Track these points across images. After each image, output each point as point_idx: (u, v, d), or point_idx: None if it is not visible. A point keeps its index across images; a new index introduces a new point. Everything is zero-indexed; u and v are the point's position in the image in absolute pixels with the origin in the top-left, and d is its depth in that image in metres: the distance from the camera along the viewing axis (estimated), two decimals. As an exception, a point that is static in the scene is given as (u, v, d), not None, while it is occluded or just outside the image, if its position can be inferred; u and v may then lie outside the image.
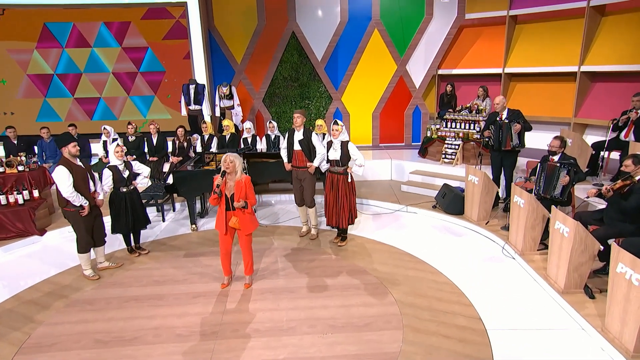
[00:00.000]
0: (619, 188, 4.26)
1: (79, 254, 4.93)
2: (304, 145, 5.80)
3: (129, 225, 5.36)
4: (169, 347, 3.71)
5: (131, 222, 5.38)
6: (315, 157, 5.78)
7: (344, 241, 5.80)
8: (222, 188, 4.33)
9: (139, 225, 5.51)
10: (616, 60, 7.51)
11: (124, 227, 5.35)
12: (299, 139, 5.82)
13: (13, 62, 9.18)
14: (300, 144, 5.81)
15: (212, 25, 9.34)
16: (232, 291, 4.63)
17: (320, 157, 5.76)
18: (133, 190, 5.40)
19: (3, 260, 5.63)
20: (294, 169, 5.96)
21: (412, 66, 9.44)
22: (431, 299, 4.38)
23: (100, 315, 4.22)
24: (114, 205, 5.30)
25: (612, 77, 7.86)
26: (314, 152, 5.80)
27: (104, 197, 5.11)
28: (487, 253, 5.41)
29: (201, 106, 8.87)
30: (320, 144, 5.82)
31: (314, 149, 5.80)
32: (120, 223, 5.32)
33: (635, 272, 3.16)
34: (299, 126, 5.78)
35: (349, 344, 3.70)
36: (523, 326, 3.89)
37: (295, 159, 5.92)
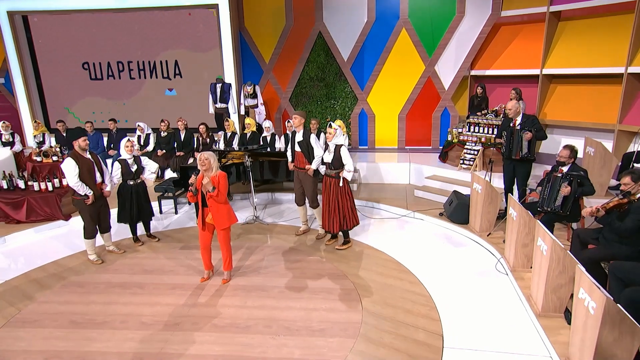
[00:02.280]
0: (614, 207, 3.82)
1: (85, 240, 5.37)
2: (303, 146, 5.83)
3: (132, 217, 5.73)
4: (129, 333, 3.93)
5: (135, 214, 5.75)
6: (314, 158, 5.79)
7: (345, 245, 5.72)
8: (197, 185, 4.49)
9: (143, 217, 5.87)
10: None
11: (127, 218, 5.73)
12: (298, 140, 5.87)
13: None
14: (300, 145, 5.85)
15: (243, 26, 9.62)
16: (209, 285, 4.79)
17: (317, 160, 5.76)
18: (140, 183, 5.76)
19: (33, 239, 6.27)
20: (296, 169, 6.02)
21: (441, 67, 9.05)
22: (400, 310, 4.23)
23: (84, 298, 4.57)
24: (121, 197, 5.70)
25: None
26: (313, 153, 5.81)
27: (111, 189, 5.51)
28: (481, 267, 5.10)
29: (227, 104, 9.19)
30: (318, 146, 5.82)
31: (313, 150, 5.81)
32: (125, 213, 5.71)
33: (592, 300, 2.83)
34: (298, 127, 5.82)
35: (296, 348, 3.69)
36: (487, 347, 3.64)
37: (296, 160, 5.97)
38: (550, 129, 8.72)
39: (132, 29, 9.75)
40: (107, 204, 5.49)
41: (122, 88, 10.28)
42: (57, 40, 10.14)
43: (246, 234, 6.27)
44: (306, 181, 5.94)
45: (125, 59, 10.05)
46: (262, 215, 7.04)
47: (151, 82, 10.12)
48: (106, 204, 5.48)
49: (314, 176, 5.89)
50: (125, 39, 9.85)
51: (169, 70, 9.94)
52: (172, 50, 9.75)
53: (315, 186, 6.00)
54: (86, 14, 9.70)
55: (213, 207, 4.49)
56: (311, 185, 5.94)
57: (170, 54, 9.80)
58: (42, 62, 10.42)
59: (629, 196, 3.79)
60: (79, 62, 10.24)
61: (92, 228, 5.32)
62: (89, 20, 9.83)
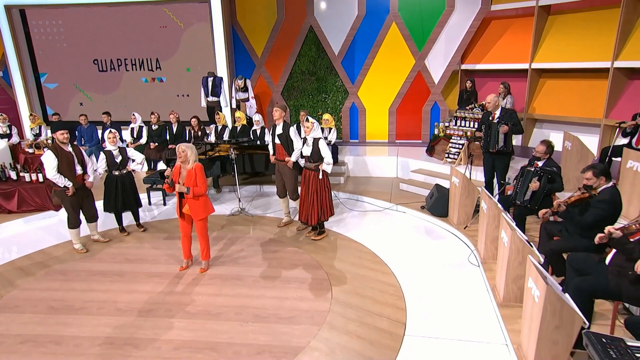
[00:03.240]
0: (576, 201, 3.89)
1: (69, 229, 5.53)
2: (283, 139, 5.93)
3: (117, 206, 5.88)
4: (104, 319, 4.08)
5: (120, 204, 5.89)
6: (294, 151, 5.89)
7: (320, 235, 5.85)
8: (174, 177, 4.61)
9: (128, 207, 6.01)
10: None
11: (112, 207, 5.88)
12: (278, 133, 5.96)
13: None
14: (280, 138, 5.95)
15: (235, 20, 9.69)
16: (187, 274, 4.93)
17: (296, 152, 5.85)
18: (126, 174, 5.89)
19: (23, 229, 6.45)
20: (277, 162, 6.12)
21: (431, 61, 9.08)
22: (368, 299, 4.33)
23: (65, 285, 4.72)
24: (107, 187, 5.85)
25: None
26: (292, 146, 5.91)
27: (94, 180, 5.65)
28: (455, 259, 5.18)
29: (218, 98, 9.29)
30: (297, 139, 5.90)
31: (292, 143, 5.91)
32: (110, 203, 5.86)
33: (537, 289, 2.92)
34: (278, 120, 5.91)
35: (262, 334, 3.81)
36: (447, 336, 3.73)
37: (277, 152, 6.08)
38: (539, 123, 8.75)
39: (127, 23, 9.88)
40: (90, 194, 5.63)
41: (116, 82, 10.42)
42: (55, 34, 10.30)
43: (230, 225, 6.40)
44: (286, 174, 6.05)
45: (120, 53, 10.19)
46: (248, 207, 7.16)
47: (143, 75, 10.24)
48: (90, 195, 5.62)
49: (294, 169, 5.98)
50: (120, 33, 9.98)
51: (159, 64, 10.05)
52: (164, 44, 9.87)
53: (296, 179, 6.10)
54: (82, 8, 9.83)
55: (190, 199, 4.61)
56: (291, 177, 6.04)
57: (163, 48, 9.91)
58: (40, 56, 10.58)
59: (590, 190, 3.85)
60: (79, 56, 10.39)
61: (75, 218, 5.46)
62: (87, 15, 9.97)
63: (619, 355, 2.22)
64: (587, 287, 3.17)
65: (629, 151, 4.72)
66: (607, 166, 3.92)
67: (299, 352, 3.56)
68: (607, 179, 3.84)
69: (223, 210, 7.04)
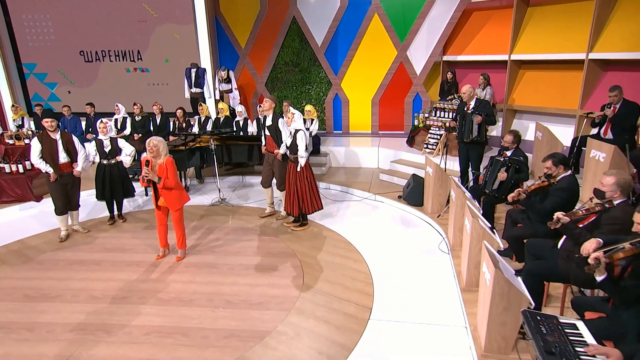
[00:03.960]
0: (536, 189, 4.01)
1: (56, 216, 5.62)
2: (272, 130, 5.97)
3: (105, 195, 5.96)
4: (79, 306, 4.17)
5: (109, 192, 5.97)
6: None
7: (301, 227, 5.93)
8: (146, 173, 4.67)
9: (117, 195, 6.08)
10: (632, 47, 6.75)
11: (100, 196, 5.97)
12: (267, 124, 6.00)
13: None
14: (269, 129, 5.99)
15: (218, 11, 9.69)
16: (163, 263, 5.02)
17: (284, 145, 5.88)
18: (115, 164, 5.96)
19: (2, 220, 6.49)
20: (267, 153, 6.16)
21: (413, 52, 9.14)
22: (338, 286, 4.45)
23: (41, 274, 4.80)
24: (97, 176, 5.95)
25: (628, 65, 7.09)
26: (281, 137, 5.93)
27: (85, 168, 5.73)
28: (426, 247, 5.31)
29: (202, 89, 9.32)
30: (285, 130, 5.91)
31: (281, 134, 5.93)
32: (99, 191, 5.96)
33: (488, 272, 3.05)
34: (268, 111, 5.93)
35: (232, 319, 3.92)
36: (410, 319, 3.86)
37: (267, 144, 6.11)
38: (519, 114, 8.86)
39: (109, 14, 9.84)
40: (76, 183, 5.70)
41: (99, 72, 10.40)
42: (40, 25, 10.24)
43: (210, 215, 6.48)
44: (276, 165, 6.09)
45: (104, 44, 10.15)
46: (230, 197, 7.24)
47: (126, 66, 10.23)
48: (75, 184, 5.68)
49: (283, 160, 6.00)
50: (104, 24, 9.94)
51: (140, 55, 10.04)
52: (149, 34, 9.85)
53: (285, 170, 6.15)
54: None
55: (164, 192, 4.68)
56: (280, 168, 6.07)
57: (147, 38, 9.90)
58: (22, 47, 10.52)
59: (549, 179, 3.97)
60: (63, 48, 10.34)
61: (59, 205, 5.55)
62: (70, 5, 9.91)
63: (549, 331, 2.35)
64: (537, 270, 3.31)
65: (592, 141, 4.84)
66: (565, 156, 4.03)
67: (265, 336, 3.68)
68: (565, 167, 3.97)
69: (205, 200, 7.12)
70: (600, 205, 3.17)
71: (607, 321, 2.62)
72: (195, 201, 7.04)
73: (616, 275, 2.55)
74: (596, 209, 3.16)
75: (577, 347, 2.24)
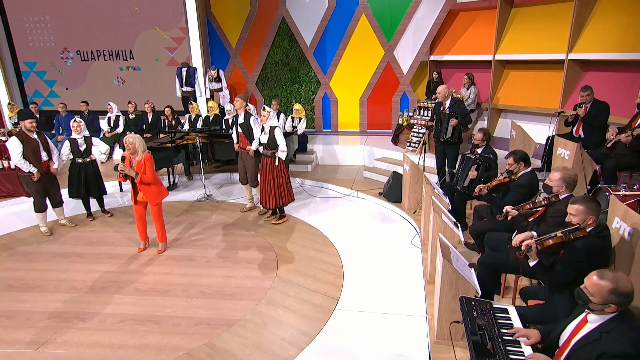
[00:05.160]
0: (497, 185, 4.16)
1: (35, 213, 5.78)
2: (244, 128, 6.16)
3: (80, 193, 6.12)
4: (59, 296, 4.34)
5: (84, 190, 6.13)
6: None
7: (281, 220, 6.11)
8: (124, 169, 4.83)
9: (91, 193, 6.24)
10: (610, 48, 6.88)
11: (75, 194, 6.12)
12: (240, 122, 6.19)
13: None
14: (241, 127, 6.18)
15: (209, 11, 9.86)
16: (144, 255, 5.19)
17: (256, 140, 6.09)
18: (89, 162, 6.12)
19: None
20: (240, 150, 6.36)
21: (400, 52, 9.28)
22: (310, 278, 4.61)
23: (25, 265, 4.98)
24: (71, 174, 6.09)
25: (607, 65, 7.22)
26: (253, 134, 6.14)
27: (59, 166, 5.88)
28: (401, 241, 5.46)
29: (193, 88, 9.50)
30: (257, 128, 6.13)
31: (253, 131, 6.13)
32: (73, 189, 6.11)
33: (439, 263, 3.20)
34: (239, 109, 6.14)
35: (204, 309, 4.09)
36: (374, 310, 4.02)
37: (240, 141, 6.31)
38: (504, 113, 8.99)
39: (104, 14, 10.02)
40: (56, 181, 5.86)
41: (93, 71, 10.59)
42: (34, 24, 10.43)
43: (194, 211, 6.65)
44: (248, 161, 6.29)
45: (99, 44, 10.33)
46: (216, 194, 7.41)
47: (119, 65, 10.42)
48: (54, 181, 5.85)
49: (255, 156, 6.21)
50: (97, 24, 10.12)
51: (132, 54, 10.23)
52: (141, 35, 10.03)
53: (256, 166, 6.34)
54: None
55: (143, 187, 4.85)
56: (252, 165, 6.28)
57: (140, 39, 10.08)
58: (20, 46, 10.71)
59: (510, 175, 4.12)
60: (56, 47, 10.53)
61: (41, 202, 5.70)
62: (64, 5, 10.10)
63: (479, 314, 2.50)
64: (489, 262, 3.46)
65: (558, 139, 4.98)
66: (526, 153, 4.17)
67: (234, 324, 3.84)
68: (526, 164, 4.12)
69: (191, 196, 7.29)
70: (546, 200, 3.31)
71: (543, 307, 2.77)
72: (182, 197, 7.23)
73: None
74: (542, 203, 3.30)
75: (502, 329, 2.39)
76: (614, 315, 2.01)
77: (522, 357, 2.22)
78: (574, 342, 2.10)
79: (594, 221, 2.79)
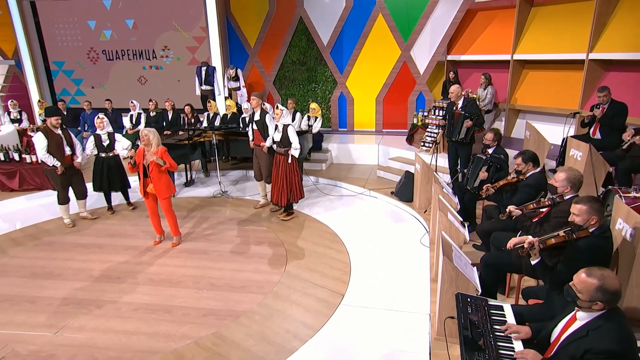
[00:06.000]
0: (504, 185, 4.16)
1: (58, 205, 6.06)
2: (260, 125, 6.30)
3: (102, 186, 6.38)
4: (77, 284, 4.56)
5: (106, 184, 6.39)
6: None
7: (289, 216, 6.23)
8: (138, 159, 5.03)
9: (114, 187, 6.50)
10: (632, 47, 6.72)
11: (98, 187, 6.39)
12: (256, 119, 6.34)
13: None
14: (257, 124, 6.33)
15: (229, 12, 10.06)
16: (159, 248, 5.38)
17: (270, 138, 6.22)
18: (112, 157, 6.38)
19: (22, 206, 7.04)
20: (255, 147, 6.51)
21: (416, 52, 9.27)
22: (317, 273, 4.70)
23: (49, 254, 5.24)
24: (95, 168, 6.36)
25: (629, 65, 7.05)
26: (268, 132, 6.27)
27: (82, 161, 6.15)
28: (410, 240, 5.49)
29: (212, 87, 9.71)
30: (271, 126, 6.26)
31: (267, 129, 6.26)
32: (96, 183, 6.38)
33: (442, 262, 3.24)
34: (256, 108, 6.28)
35: (213, 300, 4.23)
36: (379, 306, 4.07)
37: (255, 138, 6.45)
38: (522, 114, 8.87)
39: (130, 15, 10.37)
40: (79, 173, 6.13)
41: (117, 70, 10.95)
42: (63, 25, 10.86)
43: (209, 206, 6.83)
44: (262, 158, 6.42)
45: (124, 43, 10.68)
46: (231, 190, 7.58)
47: (144, 64, 10.73)
48: (79, 174, 6.12)
49: (269, 154, 6.34)
50: (124, 24, 10.47)
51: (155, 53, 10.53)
52: (164, 34, 10.32)
53: (270, 163, 6.46)
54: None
55: (155, 179, 5.03)
56: (266, 162, 6.40)
57: (163, 39, 10.37)
58: (50, 47, 11.17)
59: (519, 175, 4.11)
60: (84, 46, 10.94)
61: (64, 195, 5.98)
62: (91, 7, 10.48)
63: (473, 310, 2.54)
64: (492, 261, 3.47)
65: (572, 140, 4.92)
66: (535, 153, 4.15)
67: (241, 316, 3.97)
68: (534, 165, 4.10)
69: (207, 192, 7.48)
70: (551, 200, 3.31)
71: (542, 305, 2.78)
72: (198, 192, 7.43)
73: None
74: (547, 203, 3.30)
75: (495, 326, 2.42)
76: (602, 313, 2.02)
77: (512, 353, 2.25)
78: (563, 339, 2.12)
79: (597, 221, 2.79)
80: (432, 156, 6.56)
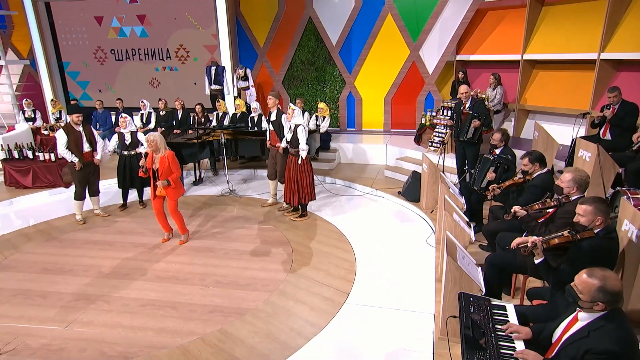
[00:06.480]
0: (510, 186, 4.14)
1: (74, 201, 6.19)
2: (275, 125, 6.32)
3: (124, 183, 6.51)
4: (87, 279, 4.65)
5: (128, 181, 6.52)
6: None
7: (300, 218, 6.24)
8: (148, 165, 5.11)
9: (135, 184, 6.62)
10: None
11: (122, 183, 6.57)
12: (272, 120, 6.35)
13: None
14: (272, 124, 6.34)
15: (239, 12, 10.13)
16: (167, 245, 5.45)
17: (285, 139, 6.21)
18: (134, 155, 6.49)
19: (35, 202, 7.17)
20: (271, 147, 6.53)
21: (425, 52, 9.24)
22: (322, 272, 4.73)
23: (60, 251, 5.34)
24: (118, 165, 6.54)
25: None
26: (284, 132, 6.25)
27: (102, 158, 6.29)
28: (416, 240, 5.48)
29: (221, 86, 9.79)
30: (287, 126, 6.23)
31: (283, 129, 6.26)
32: (120, 179, 6.58)
33: (446, 262, 3.24)
34: (272, 107, 6.28)
35: (219, 297, 4.28)
36: (384, 305, 4.08)
37: (271, 138, 6.47)
38: (532, 114, 8.80)
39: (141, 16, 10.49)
40: (96, 171, 6.26)
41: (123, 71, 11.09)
42: (76, 25, 11.04)
43: (217, 205, 6.89)
44: (278, 158, 6.45)
45: (135, 43, 10.81)
46: (239, 189, 7.64)
47: (156, 65, 10.85)
48: (95, 172, 6.24)
49: (284, 154, 6.33)
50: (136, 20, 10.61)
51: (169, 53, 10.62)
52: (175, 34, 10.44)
53: (286, 163, 6.47)
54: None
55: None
56: (283, 162, 6.40)
57: (174, 39, 10.48)
58: (63, 46, 11.36)
59: (525, 175, 4.09)
60: (94, 45, 11.10)
61: (81, 191, 6.11)
62: (104, 7, 10.63)
63: (476, 310, 2.54)
64: (497, 261, 3.47)
65: (580, 141, 4.87)
66: (542, 154, 4.13)
67: (246, 313, 4.01)
68: (541, 165, 4.08)
69: (215, 190, 7.55)
70: (556, 201, 3.29)
71: (545, 306, 2.77)
72: (207, 191, 7.50)
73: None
74: (552, 204, 3.28)
75: (496, 325, 2.43)
76: (603, 314, 2.02)
77: (513, 352, 2.25)
78: (564, 339, 2.12)
79: (602, 222, 2.78)
80: (439, 156, 6.54)
